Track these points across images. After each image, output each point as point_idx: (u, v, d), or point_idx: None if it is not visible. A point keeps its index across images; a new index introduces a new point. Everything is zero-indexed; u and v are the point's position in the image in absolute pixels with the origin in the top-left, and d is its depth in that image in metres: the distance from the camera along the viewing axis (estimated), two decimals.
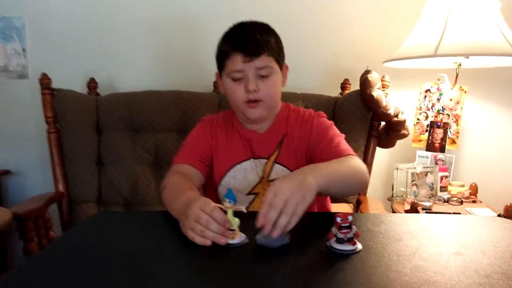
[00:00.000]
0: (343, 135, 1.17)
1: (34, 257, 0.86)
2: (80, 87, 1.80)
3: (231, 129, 1.21)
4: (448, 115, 1.75)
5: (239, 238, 0.80)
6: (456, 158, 1.76)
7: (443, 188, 1.71)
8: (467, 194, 1.69)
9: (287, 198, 0.77)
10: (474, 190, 1.70)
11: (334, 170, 0.95)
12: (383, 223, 0.92)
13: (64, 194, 1.64)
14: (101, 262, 0.73)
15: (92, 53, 1.91)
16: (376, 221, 0.93)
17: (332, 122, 1.20)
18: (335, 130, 1.17)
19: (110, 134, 1.69)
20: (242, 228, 0.82)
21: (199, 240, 0.79)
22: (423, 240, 0.82)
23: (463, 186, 1.72)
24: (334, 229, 0.78)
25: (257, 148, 1.17)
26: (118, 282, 0.66)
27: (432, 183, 1.68)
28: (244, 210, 0.79)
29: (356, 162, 1.05)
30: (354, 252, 0.76)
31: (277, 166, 1.16)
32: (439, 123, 1.75)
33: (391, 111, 1.54)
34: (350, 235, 0.77)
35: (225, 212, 0.81)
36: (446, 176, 1.72)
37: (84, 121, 1.66)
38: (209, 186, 1.21)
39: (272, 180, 1.17)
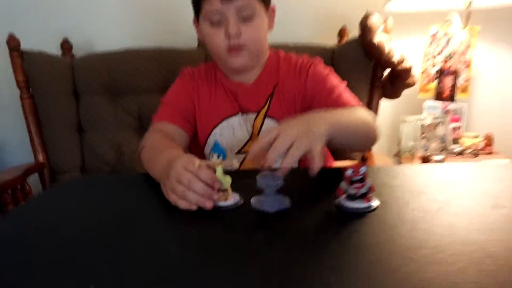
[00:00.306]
0: (345, 82, 1.04)
1: None
2: (53, 49, 1.63)
3: (214, 82, 1.07)
4: (459, 61, 1.60)
5: (232, 199, 0.68)
6: (468, 108, 1.62)
7: (456, 140, 1.58)
8: (481, 145, 1.56)
9: (293, 142, 0.66)
10: (489, 140, 1.57)
11: (342, 118, 0.83)
12: (401, 175, 0.79)
13: (45, 164, 1.52)
14: (67, 231, 0.61)
15: (65, 10, 1.73)
16: (391, 174, 0.80)
17: (330, 68, 1.06)
18: (334, 78, 1.03)
19: (89, 98, 1.55)
20: (235, 189, 0.69)
21: (182, 204, 0.66)
22: (450, 192, 0.69)
23: (477, 137, 1.59)
24: (343, 184, 0.65)
25: (245, 102, 1.04)
26: (83, 257, 0.53)
27: (444, 135, 1.55)
28: (236, 165, 0.66)
29: (364, 113, 0.93)
30: (370, 210, 0.64)
31: (268, 121, 1.03)
32: (448, 70, 1.60)
33: (395, 58, 1.39)
34: (364, 190, 0.64)
35: (214, 170, 0.67)
36: (458, 127, 1.59)
37: (58, 85, 1.51)
38: (194, 148, 1.08)
39: None
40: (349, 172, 0.63)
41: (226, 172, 0.68)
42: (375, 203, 0.65)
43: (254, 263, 0.51)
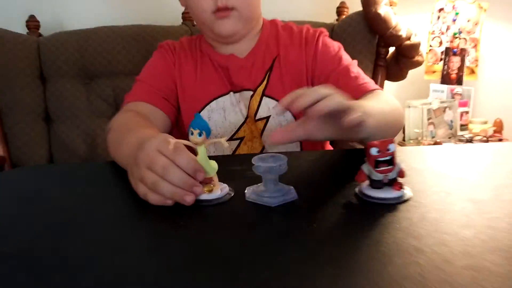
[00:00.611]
0: (356, 60, 0.89)
1: None
2: (19, 27, 1.45)
3: (199, 56, 0.91)
4: (465, 39, 1.46)
5: (218, 191, 0.52)
6: (475, 91, 1.49)
7: (463, 127, 1.45)
8: (491, 132, 1.43)
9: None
10: (499, 126, 1.44)
11: (379, 108, 0.68)
12: (430, 157, 0.64)
13: (5, 158, 1.34)
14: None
15: None
16: (416, 155, 0.65)
17: (339, 43, 0.91)
18: (346, 54, 0.89)
19: (58, 82, 1.37)
20: (223, 177, 0.54)
21: (153, 198, 0.50)
22: (502, 176, 0.55)
23: (485, 122, 1.46)
24: (366, 167, 0.50)
25: (238, 78, 0.88)
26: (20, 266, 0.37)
27: (452, 121, 1.41)
28: (226, 144, 0.50)
29: (391, 98, 0.79)
30: (401, 201, 0.49)
31: (266, 100, 0.87)
32: (455, 49, 1.46)
33: (403, 33, 1.25)
34: (393, 175, 0.49)
35: (196, 153, 0.52)
36: (466, 112, 1.45)
37: (22, 67, 1.33)
38: (177, 136, 0.92)
39: (262, 119, 0.87)
40: (374, 151, 0.48)
41: (210, 156, 0.52)
42: (407, 192, 0.50)
43: (250, 273, 0.35)
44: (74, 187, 0.62)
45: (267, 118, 0.87)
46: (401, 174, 0.50)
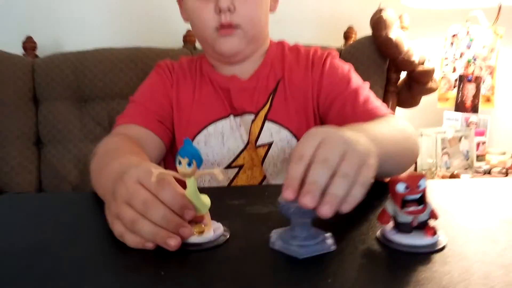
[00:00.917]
0: (367, 83, 0.82)
1: None
2: (15, 48, 1.40)
3: (199, 76, 0.85)
4: (481, 67, 1.39)
5: (211, 231, 0.43)
6: (492, 120, 1.41)
7: (480, 157, 1.36)
8: (510, 163, 1.34)
9: (336, 157, 0.40)
10: None
11: (389, 135, 0.61)
12: (461, 193, 0.56)
13: None
14: None
15: (30, 5, 1.51)
16: (442, 191, 0.57)
17: (350, 64, 0.84)
18: (356, 77, 0.82)
19: (51, 105, 1.30)
20: (217, 214, 0.45)
21: (130, 239, 0.42)
22: None
23: (504, 153, 1.37)
24: (391, 206, 0.41)
25: (239, 100, 0.81)
26: None
27: (468, 151, 1.32)
28: (220, 177, 0.42)
29: (405, 124, 0.72)
30: (436, 250, 0.40)
31: (269, 125, 0.79)
32: (470, 77, 1.39)
33: (415, 58, 1.18)
34: (423, 217, 0.41)
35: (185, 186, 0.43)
36: (483, 142, 1.37)
37: (14, 89, 1.27)
38: (172, 165, 0.84)
39: (263, 145, 0.79)
40: (401, 188, 0.39)
41: (202, 189, 0.44)
42: (442, 237, 0.41)
43: None
44: (51, 220, 0.53)
45: (269, 144, 0.79)
46: (433, 215, 0.41)
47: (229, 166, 0.80)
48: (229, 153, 0.80)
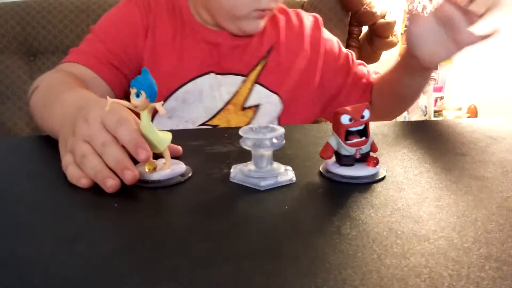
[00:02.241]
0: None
1: None
2: None
3: (179, 24, 0.77)
4: None
5: (168, 170, 0.42)
6: (450, 76, 1.43)
7: (437, 113, 1.39)
8: (465, 118, 1.38)
9: None
10: (473, 113, 1.39)
11: None
12: (400, 132, 0.56)
13: None
14: None
15: None
16: (385, 129, 0.57)
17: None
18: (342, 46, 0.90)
19: None
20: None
21: (72, 172, 0.41)
22: (503, 150, 0.47)
23: (460, 109, 1.41)
24: (333, 139, 0.40)
25: (227, 59, 0.76)
26: None
27: (425, 106, 1.35)
28: (162, 110, 0.39)
29: None
30: (375, 181, 0.40)
31: (258, 88, 0.77)
32: None
33: (377, 10, 1.17)
34: (366, 149, 0.40)
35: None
36: (441, 98, 1.39)
37: None
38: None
39: (251, 107, 0.77)
40: (345, 119, 0.39)
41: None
42: (381, 169, 0.41)
43: (194, 265, 0.26)
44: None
45: (257, 106, 0.77)
46: (373, 147, 0.41)
47: (203, 124, 0.76)
48: (206, 112, 0.76)
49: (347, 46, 1.26)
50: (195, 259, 0.28)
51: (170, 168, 0.42)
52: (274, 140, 0.39)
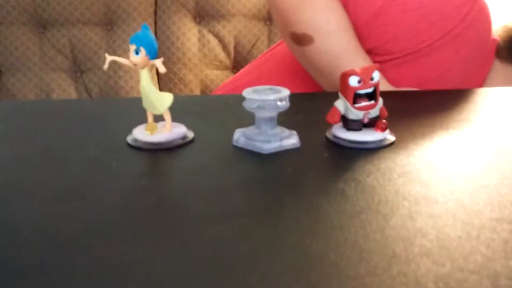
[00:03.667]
0: None
1: None
2: None
3: None
4: None
5: (168, 132, 0.41)
6: None
7: None
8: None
9: None
10: None
11: None
12: (411, 99, 0.54)
13: None
14: None
15: None
16: (397, 95, 0.55)
17: None
18: None
19: (7, 30, 1.22)
20: (177, 119, 0.42)
21: None
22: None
23: None
24: (341, 103, 0.39)
25: None
26: None
27: None
28: (162, 68, 0.38)
29: None
30: (384, 145, 0.38)
31: None
32: None
33: None
34: (374, 113, 0.39)
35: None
36: None
37: None
38: None
39: None
40: (353, 81, 0.37)
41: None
42: (390, 135, 0.39)
43: (194, 226, 0.25)
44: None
45: None
46: (382, 113, 0.39)
47: None
48: None
49: None
50: (192, 216, 0.27)
51: (171, 131, 0.41)
52: (279, 102, 0.37)
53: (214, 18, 1.21)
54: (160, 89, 1.16)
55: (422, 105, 0.51)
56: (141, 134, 0.40)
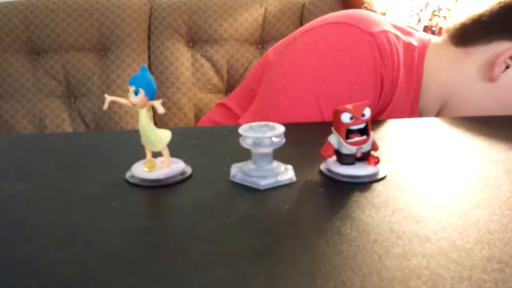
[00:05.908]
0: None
1: None
2: None
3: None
4: (445, 17, 1.39)
5: (167, 168, 0.42)
6: None
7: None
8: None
9: None
10: None
11: None
12: (404, 130, 0.55)
13: None
14: None
15: None
16: (387, 127, 0.56)
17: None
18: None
19: (0, 57, 1.23)
20: (175, 153, 0.43)
21: None
22: (508, 148, 0.46)
23: None
24: (334, 138, 0.40)
25: None
26: None
27: None
28: (161, 109, 0.39)
29: None
30: (377, 179, 0.39)
31: None
32: (434, 28, 1.38)
33: (377, 9, 1.16)
34: (367, 148, 0.40)
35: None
36: None
37: None
38: None
39: None
40: (346, 117, 0.38)
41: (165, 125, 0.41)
42: (382, 168, 0.41)
43: (193, 268, 0.25)
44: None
45: None
46: (374, 146, 0.40)
47: None
48: None
49: None
50: (193, 260, 0.28)
51: (169, 167, 0.41)
52: (274, 139, 0.38)
53: (207, 43, 1.23)
54: (154, 115, 1.17)
55: (413, 135, 0.53)
56: (140, 171, 0.41)
